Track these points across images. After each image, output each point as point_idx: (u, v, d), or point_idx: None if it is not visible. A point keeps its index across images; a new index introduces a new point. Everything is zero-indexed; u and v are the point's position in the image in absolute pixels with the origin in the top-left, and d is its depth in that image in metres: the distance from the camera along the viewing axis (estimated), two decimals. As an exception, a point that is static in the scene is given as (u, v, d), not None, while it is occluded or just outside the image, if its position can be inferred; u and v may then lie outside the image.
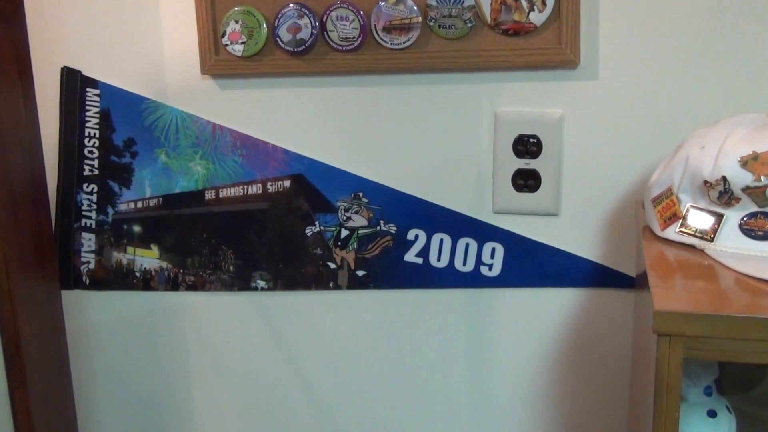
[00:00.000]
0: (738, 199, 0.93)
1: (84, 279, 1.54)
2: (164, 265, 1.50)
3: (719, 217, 0.95)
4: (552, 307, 1.35)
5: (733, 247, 0.94)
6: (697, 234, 0.97)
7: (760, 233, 0.92)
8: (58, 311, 1.33)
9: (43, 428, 1.26)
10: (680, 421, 1.00)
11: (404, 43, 1.27)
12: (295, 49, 1.31)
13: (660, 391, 0.80)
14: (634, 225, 1.25)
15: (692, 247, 0.97)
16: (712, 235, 0.95)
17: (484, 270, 1.36)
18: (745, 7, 1.16)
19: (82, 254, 1.53)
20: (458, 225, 1.36)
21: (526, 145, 1.29)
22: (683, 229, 0.98)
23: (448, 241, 1.37)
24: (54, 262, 1.33)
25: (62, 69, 1.46)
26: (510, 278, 1.36)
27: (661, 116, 1.22)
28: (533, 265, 1.34)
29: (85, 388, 1.62)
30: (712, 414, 0.98)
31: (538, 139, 1.28)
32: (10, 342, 1.19)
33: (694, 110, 1.20)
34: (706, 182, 0.94)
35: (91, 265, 1.53)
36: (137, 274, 1.52)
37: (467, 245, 1.36)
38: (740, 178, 0.92)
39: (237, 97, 1.40)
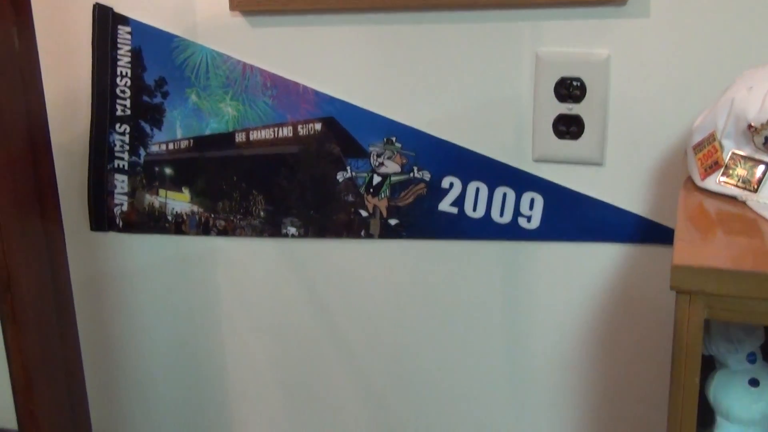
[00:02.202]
0: (787, 146, 0.83)
1: (117, 221, 1.52)
2: (195, 208, 1.47)
3: (765, 166, 0.85)
4: (594, 262, 1.27)
5: (779, 200, 0.84)
6: (739, 184, 0.87)
7: (810, 185, 0.83)
8: (60, 252, 1.30)
9: (38, 365, 1.25)
10: (719, 390, 0.93)
11: (439, -24, 1.19)
12: (325, -16, 1.25)
13: (678, 353, 0.72)
14: (684, 176, 1.15)
15: (734, 198, 0.87)
16: (756, 186, 0.86)
17: (522, 222, 1.29)
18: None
19: (116, 196, 1.51)
20: (495, 173, 1.28)
21: (569, 89, 1.20)
22: (725, 179, 0.89)
23: (484, 190, 1.30)
24: (55, 204, 1.29)
25: (94, 6, 1.42)
26: (549, 231, 1.28)
27: (716, 58, 1.12)
28: (575, 217, 1.26)
29: (116, 329, 1.62)
30: (754, 383, 0.90)
31: (582, 83, 1.19)
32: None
33: (753, 51, 1.09)
34: (750, 126, 0.85)
35: (124, 207, 1.51)
36: (169, 218, 1.49)
37: (505, 195, 1.29)
38: (790, 122, 0.82)
39: (267, 35, 1.34)
